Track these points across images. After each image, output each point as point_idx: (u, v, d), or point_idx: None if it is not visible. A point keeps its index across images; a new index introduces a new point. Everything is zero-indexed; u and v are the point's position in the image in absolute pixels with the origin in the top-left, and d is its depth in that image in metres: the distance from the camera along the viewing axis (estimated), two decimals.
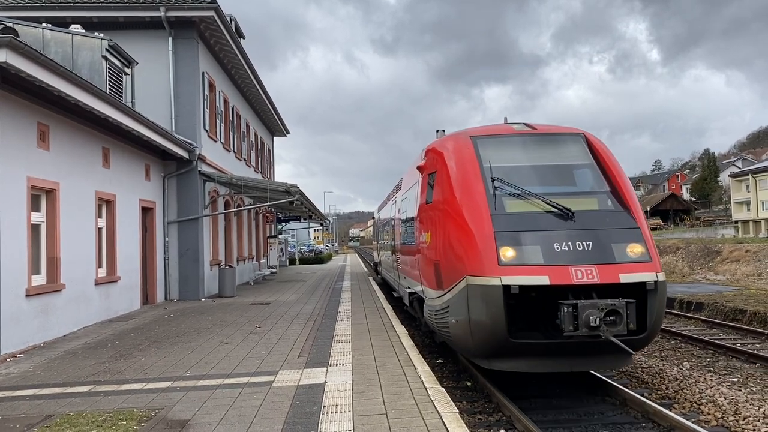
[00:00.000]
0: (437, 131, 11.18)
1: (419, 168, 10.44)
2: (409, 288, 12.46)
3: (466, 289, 7.45)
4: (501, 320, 7.07)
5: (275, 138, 37.17)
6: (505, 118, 10.35)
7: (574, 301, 6.99)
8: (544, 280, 7.15)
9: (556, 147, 9.09)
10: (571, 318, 6.94)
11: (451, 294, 7.90)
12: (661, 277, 7.49)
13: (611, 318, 6.94)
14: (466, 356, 8.83)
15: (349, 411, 5.87)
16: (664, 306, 7.70)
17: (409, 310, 13.58)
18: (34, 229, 10.58)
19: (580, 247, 7.45)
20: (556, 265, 7.25)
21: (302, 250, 60.58)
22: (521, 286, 7.12)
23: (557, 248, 7.42)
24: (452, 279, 7.89)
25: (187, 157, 17.31)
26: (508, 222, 7.70)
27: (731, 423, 7.34)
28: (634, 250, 7.57)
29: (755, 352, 11.37)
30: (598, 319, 6.85)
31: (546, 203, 7.92)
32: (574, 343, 7.16)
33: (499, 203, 7.93)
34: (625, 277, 7.29)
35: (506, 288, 7.08)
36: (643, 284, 7.36)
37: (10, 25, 10.37)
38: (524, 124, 9.52)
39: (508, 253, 7.34)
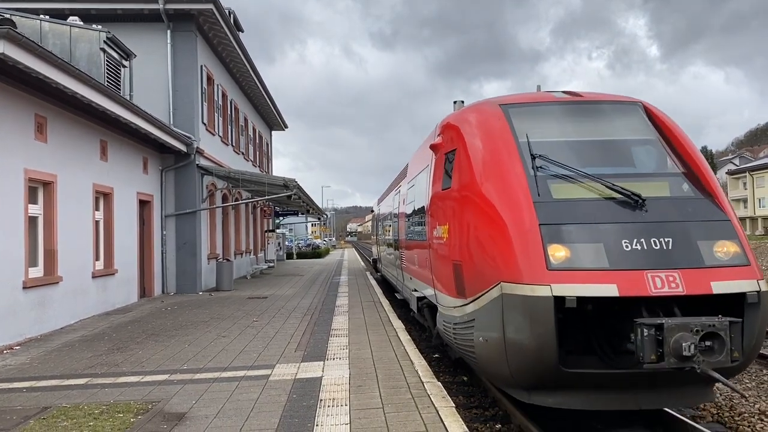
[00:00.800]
0: (455, 102, 9.13)
1: (433, 147, 8.57)
2: (416, 291, 10.72)
3: (501, 300, 5.79)
4: (551, 343, 5.43)
5: (273, 132, 37.13)
6: (538, 86, 8.64)
7: (658, 321, 5.23)
8: (610, 290, 5.45)
9: (609, 118, 7.37)
10: (653, 344, 5.19)
11: (478, 304, 6.27)
12: (764, 286, 5.77)
13: (707, 343, 5.21)
14: (497, 385, 7.10)
15: (345, 405, 5.88)
16: (766, 325, 5.89)
17: (418, 318, 11.58)
18: (32, 221, 10.57)
19: (656, 245, 5.77)
20: (626, 270, 5.58)
21: (300, 245, 60.62)
22: (579, 298, 5.43)
23: (626, 246, 5.73)
24: (480, 285, 6.25)
25: (185, 150, 17.29)
26: (557, 212, 6.02)
27: (726, 419, 7.37)
28: (726, 249, 5.88)
29: None
30: (692, 346, 5.10)
31: (608, 187, 6.21)
32: (645, 372, 5.44)
33: (543, 188, 6.23)
34: (720, 287, 5.61)
35: (558, 300, 5.43)
36: (740, 296, 5.64)
37: (7, 16, 10.34)
38: (564, 92, 7.80)
39: (559, 252, 5.69)
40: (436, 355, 10.40)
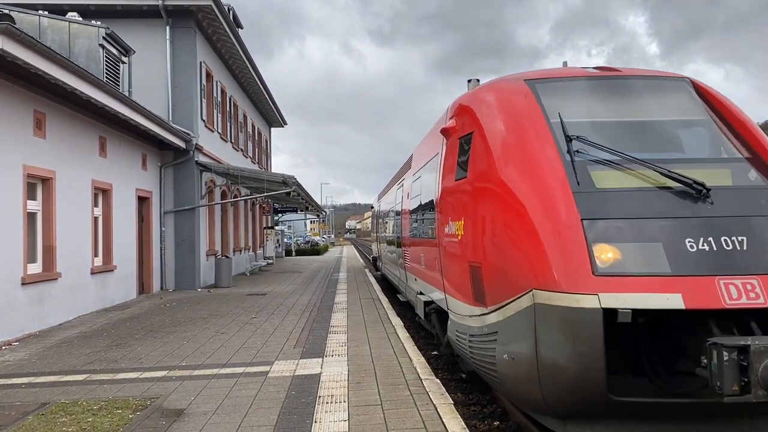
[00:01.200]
0: (469, 81, 8.03)
1: (444, 132, 7.54)
2: (422, 294, 9.79)
3: (533, 311, 4.83)
4: (598, 365, 4.46)
5: (272, 128, 37.10)
6: (565, 63, 7.61)
7: (742, 341, 4.17)
8: (674, 302, 4.44)
9: (653, 96, 6.40)
10: (735, 371, 4.13)
11: (502, 315, 5.33)
12: None
13: None
14: (524, 410, 5.95)
15: (344, 401, 5.89)
16: None
17: (424, 324, 10.42)
18: (30, 217, 10.56)
19: (727, 245, 4.77)
20: (693, 276, 4.58)
21: (298, 242, 60.67)
22: (635, 311, 4.44)
23: (690, 247, 4.74)
24: (505, 292, 5.30)
25: (184, 146, 17.28)
26: (601, 204, 5.04)
27: None
28: None
29: None
30: None
31: (663, 174, 5.22)
32: (714, 402, 4.40)
33: (583, 175, 5.26)
34: None
35: (607, 312, 4.44)
36: None
37: (6, 11, 10.31)
38: (596, 67, 6.79)
39: (607, 253, 4.72)
40: (435, 352, 10.42)
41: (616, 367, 4.80)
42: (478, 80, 7.93)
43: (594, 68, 6.78)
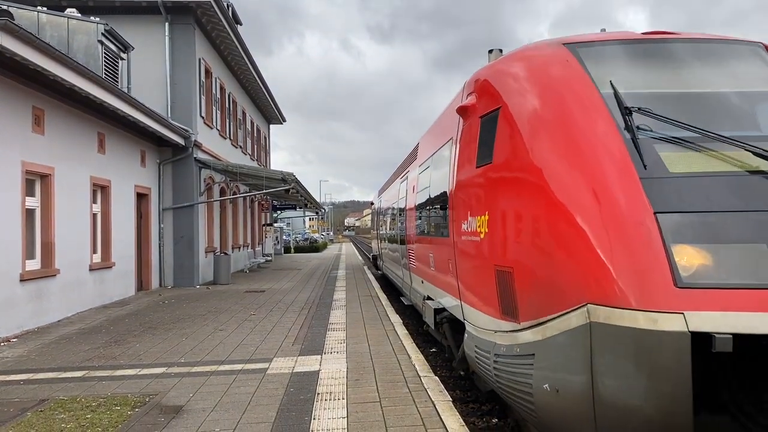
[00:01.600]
0: (490, 52, 6.87)
1: (462, 111, 6.43)
2: (431, 300, 8.86)
3: (588, 332, 3.75)
4: (683, 407, 3.43)
5: (271, 125, 37.07)
6: (603, 30, 6.33)
7: None
8: None
9: (721, 63, 5.25)
10: None
11: (542, 334, 4.23)
12: None
13: None
14: None
15: (343, 398, 5.90)
16: None
17: (433, 334, 9.41)
18: (29, 213, 10.56)
19: None
20: None
21: (297, 239, 60.66)
22: (736, 336, 3.36)
23: None
24: (546, 305, 4.23)
25: (183, 143, 17.26)
26: (679, 193, 3.97)
27: None
28: None
29: None
30: None
31: (759, 155, 4.12)
32: None
33: (651, 157, 4.17)
34: None
35: (698, 338, 3.40)
36: None
37: (5, 7, 10.30)
38: (644, 33, 5.62)
39: (691, 258, 3.66)
40: (434, 350, 10.43)
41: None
42: (500, 50, 6.84)
43: (641, 33, 5.65)
